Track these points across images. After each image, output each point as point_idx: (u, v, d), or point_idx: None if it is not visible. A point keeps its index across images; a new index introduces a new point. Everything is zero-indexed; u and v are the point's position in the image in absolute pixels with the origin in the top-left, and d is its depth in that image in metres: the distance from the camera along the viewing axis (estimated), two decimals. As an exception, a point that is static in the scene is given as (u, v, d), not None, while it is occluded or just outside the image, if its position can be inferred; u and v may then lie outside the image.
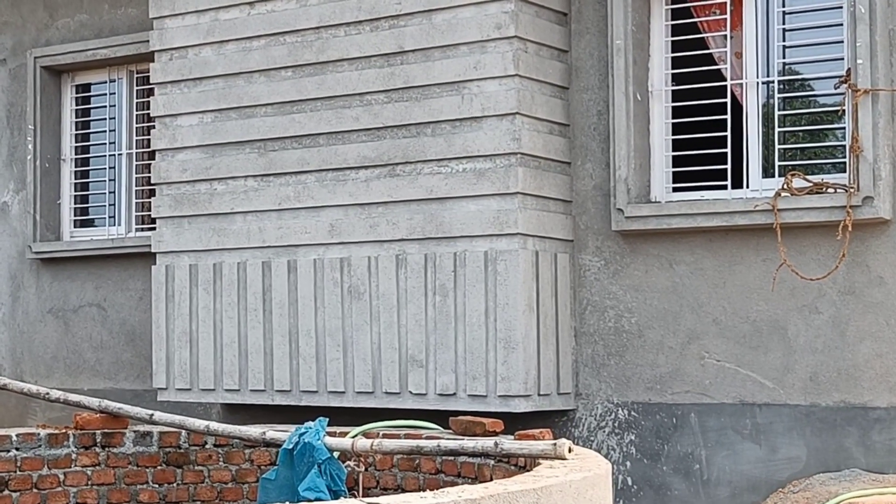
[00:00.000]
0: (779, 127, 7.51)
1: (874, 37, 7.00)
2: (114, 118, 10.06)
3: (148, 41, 9.06)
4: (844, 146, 7.22)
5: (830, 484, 6.91)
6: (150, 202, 9.22)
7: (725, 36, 7.69)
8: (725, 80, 7.69)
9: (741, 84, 7.64)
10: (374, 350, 7.91)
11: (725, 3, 7.66)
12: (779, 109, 7.54)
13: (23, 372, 10.22)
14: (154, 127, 8.91)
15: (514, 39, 7.55)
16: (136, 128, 9.95)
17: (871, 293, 7.10)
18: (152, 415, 7.13)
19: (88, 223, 10.27)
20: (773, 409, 7.33)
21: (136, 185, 9.94)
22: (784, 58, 7.56)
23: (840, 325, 7.17)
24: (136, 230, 9.91)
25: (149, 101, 9.27)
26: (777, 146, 7.50)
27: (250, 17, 8.43)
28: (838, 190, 7.09)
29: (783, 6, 7.52)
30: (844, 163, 7.22)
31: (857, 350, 7.12)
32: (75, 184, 10.28)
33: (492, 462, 6.14)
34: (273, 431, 6.80)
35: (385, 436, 6.70)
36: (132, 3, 9.79)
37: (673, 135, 7.81)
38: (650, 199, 7.76)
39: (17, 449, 6.94)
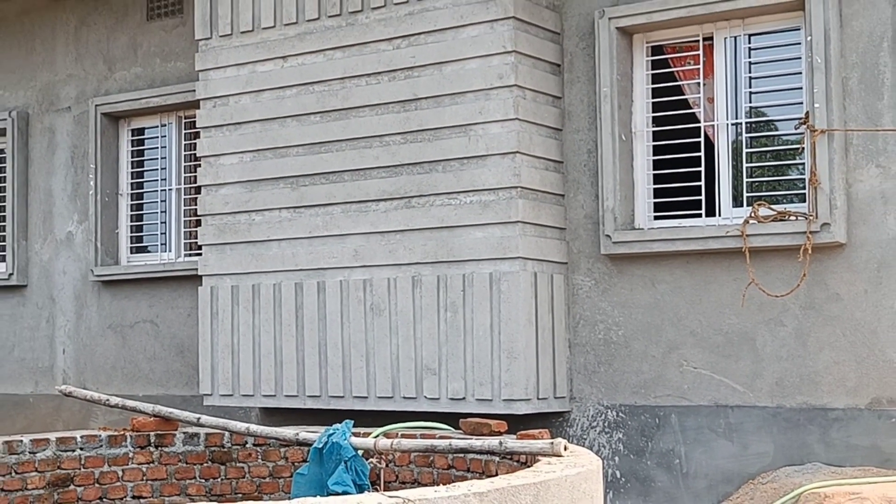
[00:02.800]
0: (746, 162, 7.52)
1: (829, 84, 7.02)
2: (165, 158, 10.10)
3: (194, 90, 9.09)
4: (804, 179, 7.22)
5: (795, 476, 6.89)
6: (196, 231, 9.24)
7: (699, 83, 7.71)
8: (699, 121, 7.71)
9: (713, 125, 7.65)
10: (393, 360, 7.91)
11: (699, 54, 7.68)
12: (746, 147, 7.55)
13: (86, 380, 10.24)
14: (200, 165, 8.93)
15: (514, 88, 7.56)
16: (185, 166, 9.97)
17: (829, 308, 7.10)
18: (199, 418, 7.13)
19: (143, 249, 10.29)
20: (744, 411, 7.32)
21: (184, 216, 9.97)
22: (751, 102, 7.57)
23: (802, 337, 7.17)
24: (185, 256, 9.93)
25: (195, 143, 9.30)
26: (745, 179, 7.51)
27: (283, 69, 8.46)
28: (799, 218, 7.10)
29: (749, 57, 7.54)
30: (804, 194, 7.23)
31: (817, 358, 7.12)
32: (131, 215, 10.31)
33: (497, 459, 6.12)
34: (305, 432, 6.79)
35: (403, 436, 6.69)
36: (180, 58, 9.84)
37: (654, 170, 7.82)
38: (634, 227, 7.77)
39: (81, 449, 6.95)
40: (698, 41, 7.67)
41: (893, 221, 6.94)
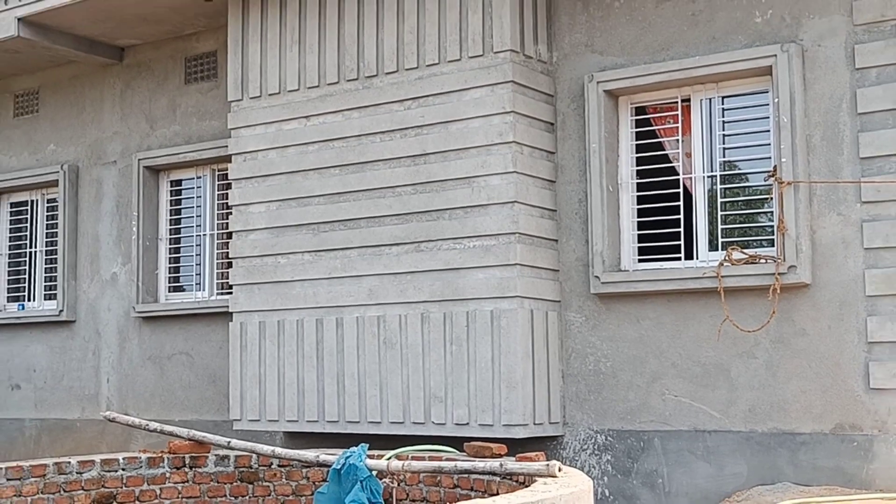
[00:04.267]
0: (721, 211, 7.52)
1: (795, 140, 7.04)
2: (200, 206, 10.10)
3: (227, 146, 9.12)
4: (773, 226, 7.22)
5: (767, 495, 6.85)
6: (228, 272, 9.24)
7: (678, 140, 7.71)
8: (678, 174, 7.70)
9: (691, 177, 7.65)
10: (404, 389, 7.89)
11: (677, 114, 7.69)
12: (721, 197, 7.55)
13: (127, 407, 10.21)
14: (231, 213, 8.94)
15: (512, 144, 7.58)
16: (217, 214, 9.98)
17: (797, 342, 7.08)
18: (229, 442, 7.12)
19: (179, 289, 10.27)
20: (720, 435, 7.28)
21: (217, 259, 9.94)
22: (724, 157, 7.58)
23: (772, 368, 7.14)
24: (217, 294, 9.91)
25: (227, 193, 9.32)
26: (720, 226, 7.51)
27: (306, 127, 8.50)
28: (768, 260, 7.09)
29: (723, 116, 7.56)
30: (773, 239, 7.22)
31: (786, 387, 7.09)
32: (169, 258, 10.29)
33: (498, 479, 6.10)
34: (325, 454, 6.78)
35: (413, 458, 6.67)
36: (214, 117, 9.88)
37: (638, 217, 7.81)
38: (620, 268, 7.77)
39: (123, 469, 6.94)
40: (677, 102, 7.69)
41: (853, 264, 6.93)
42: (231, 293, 8.96)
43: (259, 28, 8.80)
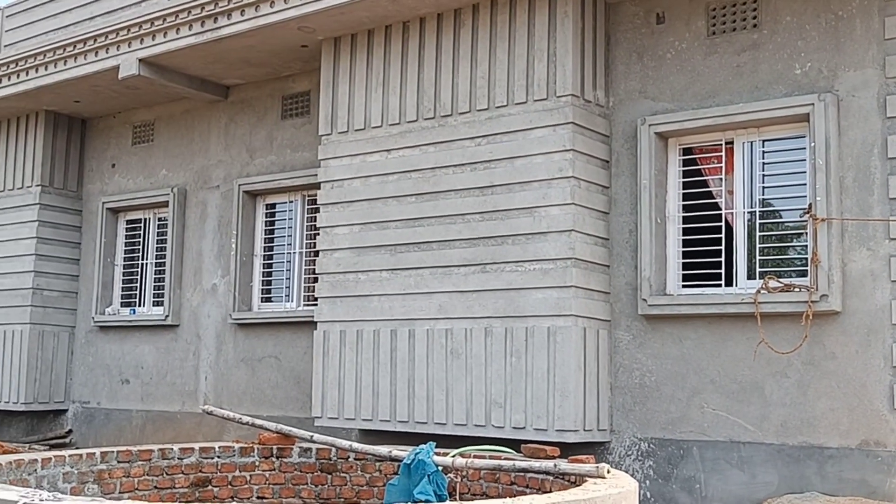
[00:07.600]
0: (759, 243, 7.43)
1: (829, 181, 6.94)
2: (291, 227, 10.20)
3: (316, 175, 9.22)
4: (807, 258, 7.12)
5: (795, 503, 6.72)
6: (314, 286, 9.31)
7: (721, 178, 7.65)
8: (721, 209, 7.63)
9: (732, 212, 7.58)
10: (468, 395, 7.87)
11: (721, 155, 7.63)
12: (759, 231, 7.46)
13: (222, 402, 10.31)
14: (318, 234, 9.03)
15: (571, 179, 7.57)
16: (306, 234, 10.06)
17: (826, 364, 6.95)
18: (312, 436, 7.14)
19: (270, 299, 10.36)
20: (754, 447, 7.17)
21: (304, 274, 10.02)
22: (763, 195, 7.50)
23: (803, 387, 7.02)
24: (304, 305, 9.98)
25: (315, 216, 9.41)
26: (758, 257, 7.42)
27: (387, 160, 8.56)
28: (802, 289, 6.98)
29: (763, 158, 7.48)
30: (807, 270, 7.12)
31: (815, 405, 6.96)
32: (263, 272, 10.38)
33: (551, 478, 6.06)
34: (396, 450, 6.77)
35: (475, 456, 6.65)
36: (306, 149, 9.99)
37: (683, 247, 7.74)
38: (666, 293, 7.70)
39: (218, 457, 7.00)
40: (721, 144, 7.63)
41: (881, 295, 6.80)
42: (316, 305, 9.03)
43: (348, 72, 8.89)
